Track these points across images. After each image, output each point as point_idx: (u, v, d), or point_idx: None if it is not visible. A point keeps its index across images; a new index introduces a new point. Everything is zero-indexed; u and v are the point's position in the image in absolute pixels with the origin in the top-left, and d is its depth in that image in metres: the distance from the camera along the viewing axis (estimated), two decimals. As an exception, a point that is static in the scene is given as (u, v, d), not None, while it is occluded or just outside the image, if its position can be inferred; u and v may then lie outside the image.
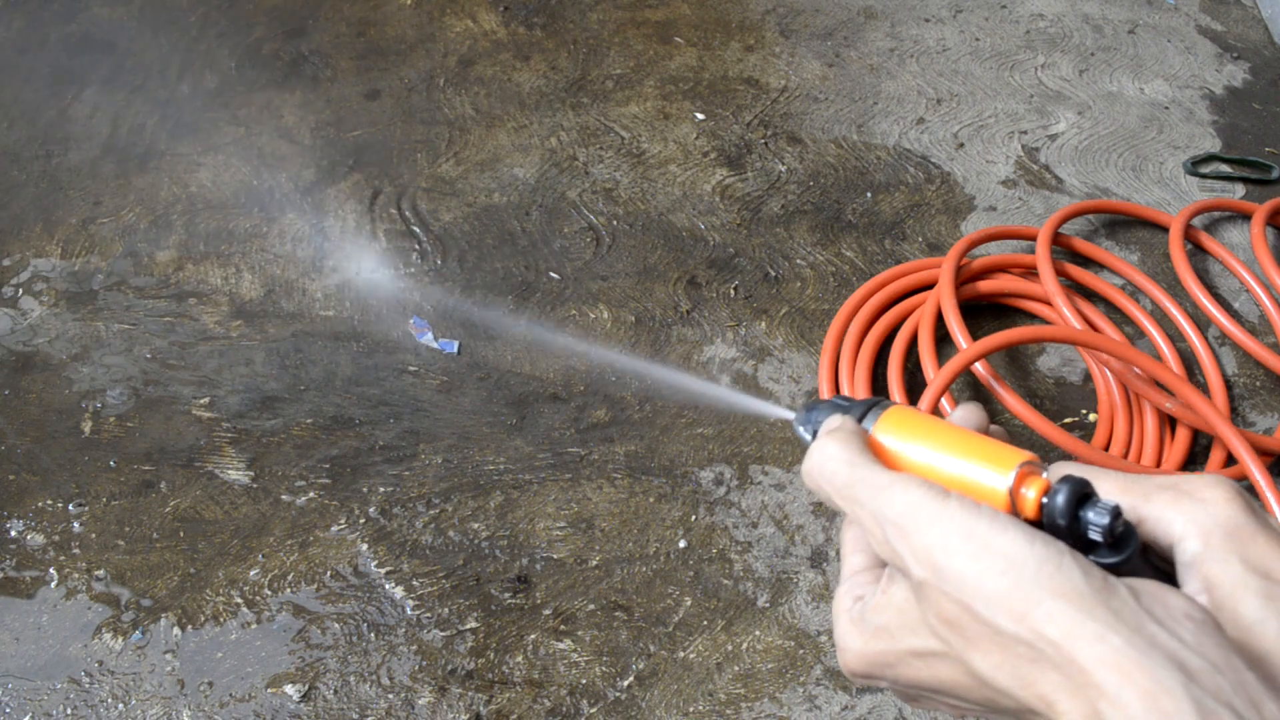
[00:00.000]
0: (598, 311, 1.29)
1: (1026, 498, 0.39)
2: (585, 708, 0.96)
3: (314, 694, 0.96)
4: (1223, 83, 1.71)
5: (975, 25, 1.80)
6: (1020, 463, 0.40)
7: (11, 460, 1.12)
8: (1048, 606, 0.34)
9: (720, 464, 1.14)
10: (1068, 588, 0.34)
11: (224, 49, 1.66)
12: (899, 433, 0.44)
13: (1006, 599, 0.34)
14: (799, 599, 1.04)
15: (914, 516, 0.38)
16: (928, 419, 0.44)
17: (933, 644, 0.37)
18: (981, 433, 0.44)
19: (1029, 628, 0.34)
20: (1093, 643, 0.32)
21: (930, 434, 0.43)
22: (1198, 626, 0.33)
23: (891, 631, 0.39)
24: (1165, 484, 0.40)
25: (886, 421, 0.44)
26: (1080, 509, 0.38)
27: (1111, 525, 0.37)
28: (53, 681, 0.96)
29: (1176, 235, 1.36)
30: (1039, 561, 0.35)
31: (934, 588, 0.36)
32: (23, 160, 1.46)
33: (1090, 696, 0.32)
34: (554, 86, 1.61)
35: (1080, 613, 0.33)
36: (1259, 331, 1.33)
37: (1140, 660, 0.31)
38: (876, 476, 0.40)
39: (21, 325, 1.25)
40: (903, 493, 0.39)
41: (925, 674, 0.39)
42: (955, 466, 0.41)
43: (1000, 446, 0.41)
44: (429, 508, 1.09)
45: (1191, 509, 0.38)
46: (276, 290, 1.30)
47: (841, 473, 0.41)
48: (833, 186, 1.48)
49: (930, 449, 0.43)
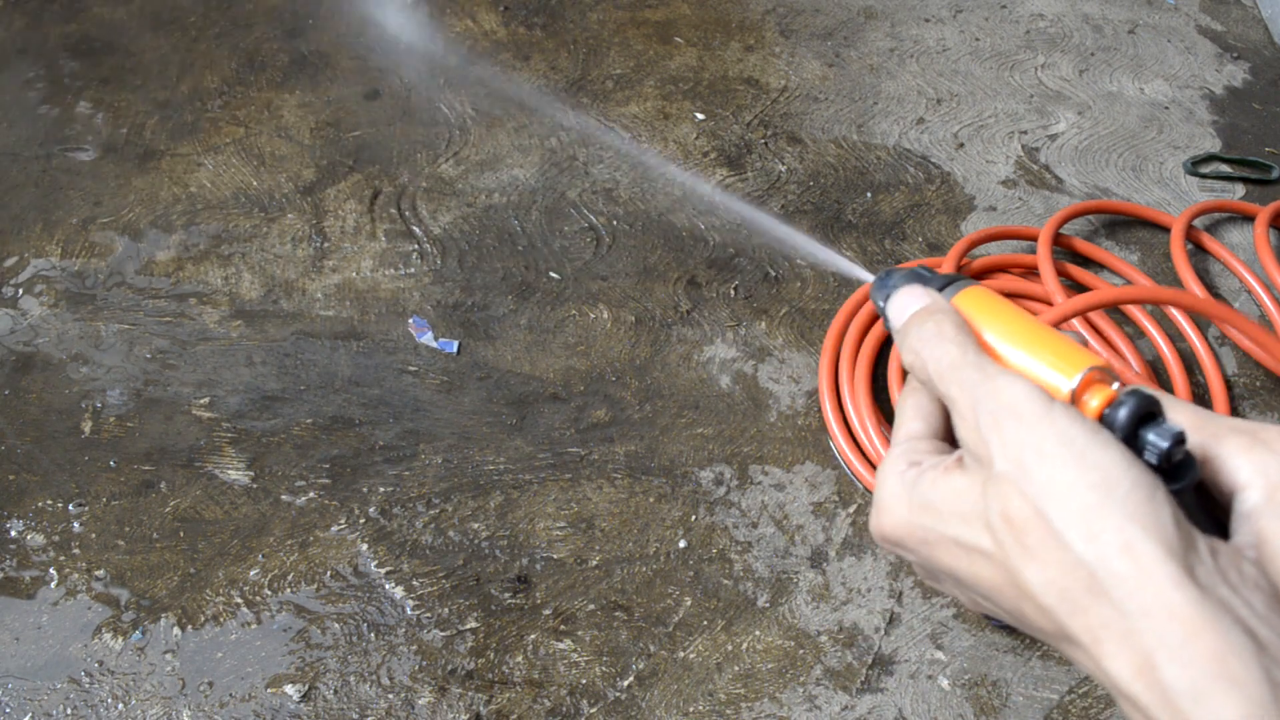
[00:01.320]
0: (598, 311, 1.29)
1: (1088, 404, 0.37)
2: (585, 708, 0.96)
3: (314, 694, 0.96)
4: (1223, 83, 1.71)
5: (975, 25, 1.80)
6: (1088, 366, 0.38)
7: (11, 460, 1.12)
8: (1127, 533, 0.31)
9: (720, 464, 1.14)
10: (1153, 522, 0.32)
11: (224, 49, 1.66)
12: (974, 313, 0.42)
13: (1087, 514, 0.32)
14: (799, 599, 1.04)
15: (1016, 411, 0.36)
16: (1006, 305, 0.42)
17: (983, 540, 0.36)
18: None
19: (1100, 552, 0.31)
20: (1165, 588, 0.30)
21: (1005, 321, 0.41)
22: (1268, 599, 0.31)
23: (941, 512, 0.37)
24: (1242, 428, 0.37)
25: (965, 298, 0.43)
26: (1142, 427, 0.36)
27: (1170, 450, 0.35)
28: (53, 681, 0.96)
29: (1178, 236, 1.36)
30: (1132, 486, 0.32)
31: (1011, 484, 0.34)
32: (23, 160, 1.46)
33: (1146, 644, 0.30)
34: (554, 86, 1.61)
35: (1160, 551, 0.31)
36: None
37: (1213, 619, 0.29)
38: (988, 365, 0.38)
39: (21, 325, 1.25)
40: (1009, 387, 0.37)
41: (962, 565, 0.37)
42: (1022, 358, 0.40)
43: (1073, 347, 0.39)
44: (429, 508, 1.09)
45: (1263, 458, 0.36)
46: (276, 290, 1.30)
47: (952, 354, 0.40)
48: (833, 186, 1.48)
49: (1002, 336, 0.41)
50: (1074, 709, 0.99)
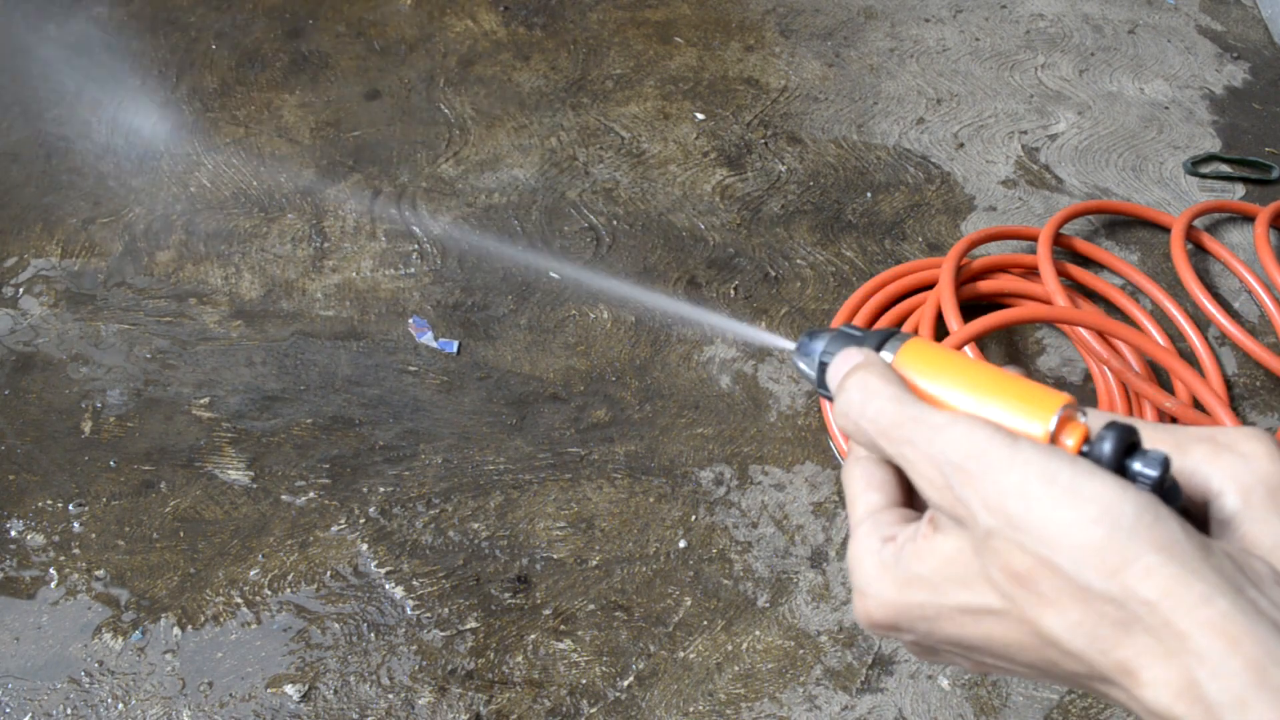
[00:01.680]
0: (598, 311, 1.29)
1: (1066, 445, 0.35)
2: (585, 708, 0.96)
3: (314, 694, 0.96)
4: (1223, 83, 1.71)
5: (975, 25, 1.80)
6: (1062, 405, 0.36)
7: (11, 460, 1.12)
8: (1147, 561, 0.30)
9: (720, 464, 1.14)
10: (1169, 542, 0.30)
11: (224, 49, 1.66)
12: (921, 368, 0.39)
13: (1098, 552, 0.30)
14: (799, 599, 1.04)
15: (982, 459, 0.33)
16: (950, 354, 0.39)
17: (990, 600, 0.33)
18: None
19: (1122, 585, 0.30)
20: (1198, 605, 0.29)
21: (956, 371, 0.38)
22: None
23: (935, 584, 0.35)
24: (1202, 435, 0.36)
25: (906, 356, 0.39)
26: (1127, 458, 0.34)
27: (1162, 477, 0.34)
28: (53, 681, 0.96)
29: (1178, 236, 1.36)
30: (1137, 511, 0.31)
31: (1005, 539, 0.32)
32: (23, 160, 1.46)
33: (1186, 665, 0.29)
34: (554, 86, 1.61)
35: (1184, 571, 0.30)
36: (1259, 331, 1.33)
37: (1249, 627, 0.29)
38: (931, 415, 0.35)
39: (21, 325, 1.25)
40: (965, 433, 0.34)
41: (970, 631, 0.35)
42: (986, 408, 0.36)
43: (1033, 387, 0.37)
44: (429, 508, 1.09)
45: (1231, 464, 0.35)
46: (276, 290, 1.30)
47: (888, 411, 0.36)
48: (833, 186, 1.48)
49: (957, 388, 0.38)
50: (1074, 709, 0.99)
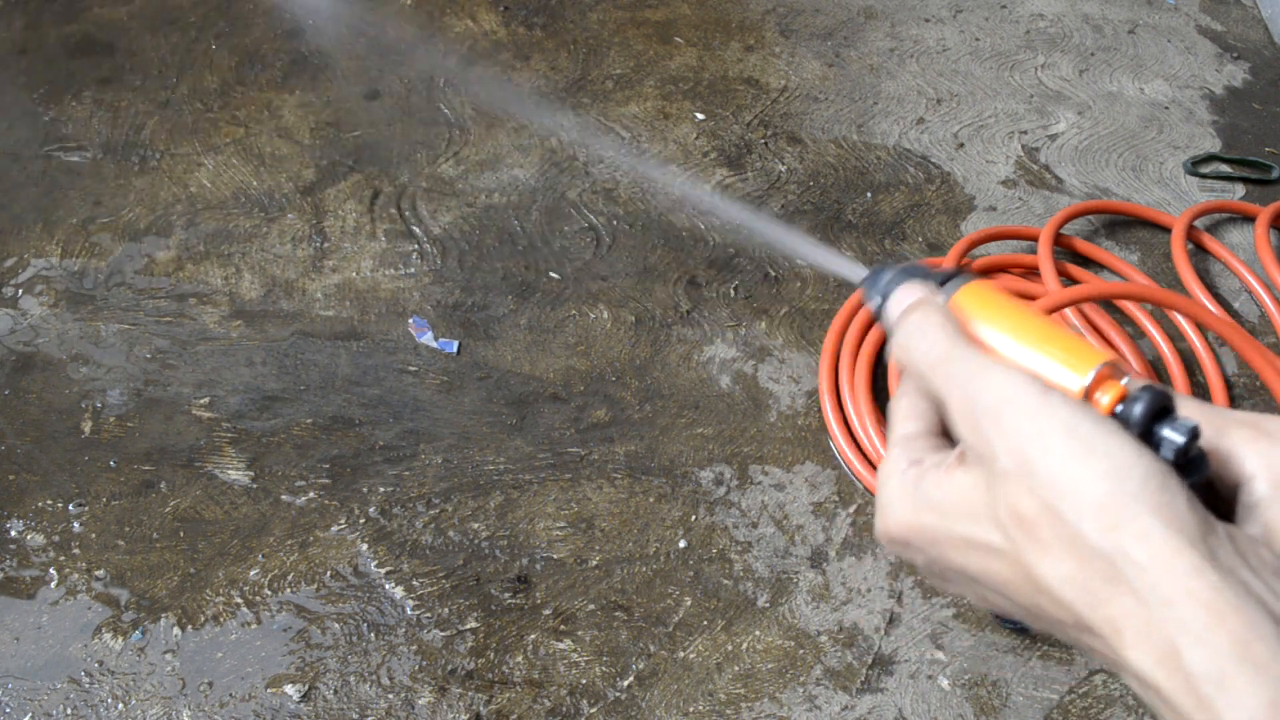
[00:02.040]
0: (598, 311, 1.29)
1: (1100, 402, 0.36)
2: (585, 708, 0.96)
3: (314, 694, 0.96)
4: (1223, 83, 1.71)
5: (975, 25, 1.80)
6: (1101, 363, 0.36)
7: (11, 460, 1.12)
8: (1144, 523, 0.31)
9: (720, 464, 1.14)
10: (1170, 510, 0.31)
11: (224, 49, 1.66)
12: (976, 310, 0.40)
13: (1101, 506, 0.32)
14: (799, 599, 1.04)
15: (1013, 404, 0.35)
16: (1011, 301, 0.41)
17: (994, 538, 0.35)
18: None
19: (1116, 542, 0.31)
20: (1187, 574, 0.30)
21: (1009, 317, 0.39)
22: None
23: (948, 511, 0.36)
24: (1246, 420, 0.37)
25: (966, 295, 0.41)
26: (1156, 423, 0.35)
27: (1187, 445, 0.34)
28: (53, 681, 0.96)
29: (1179, 237, 1.36)
30: (1145, 474, 0.32)
31: (1017, 481, 0.33)
32: (23, 160, 1.46)
33: (1169, 632, 0.30)
34: (554, 86, 1.61)
35: (1180, 539, 0.30)
36: (1259, 331, 1.33)
37: (1236, 603, 0.29)
38: (977, 358, 0.37)
39: (21, 325, 1.25)
40: (1002, 379, 0.36)
41: (973, 562, 0.36)
42: (1029, 356, 0.38)
43: (1082, 343, 0.38)
44: (429, 508, 1.09)
45: (1268, 450, 0.36)
46: (276, 290, 1.30)
47: (940, 347, 0.38)
48: (833, 186, 1.48)
49: (1006, 333, 0.39)
50: (1074, 709, 0.99)
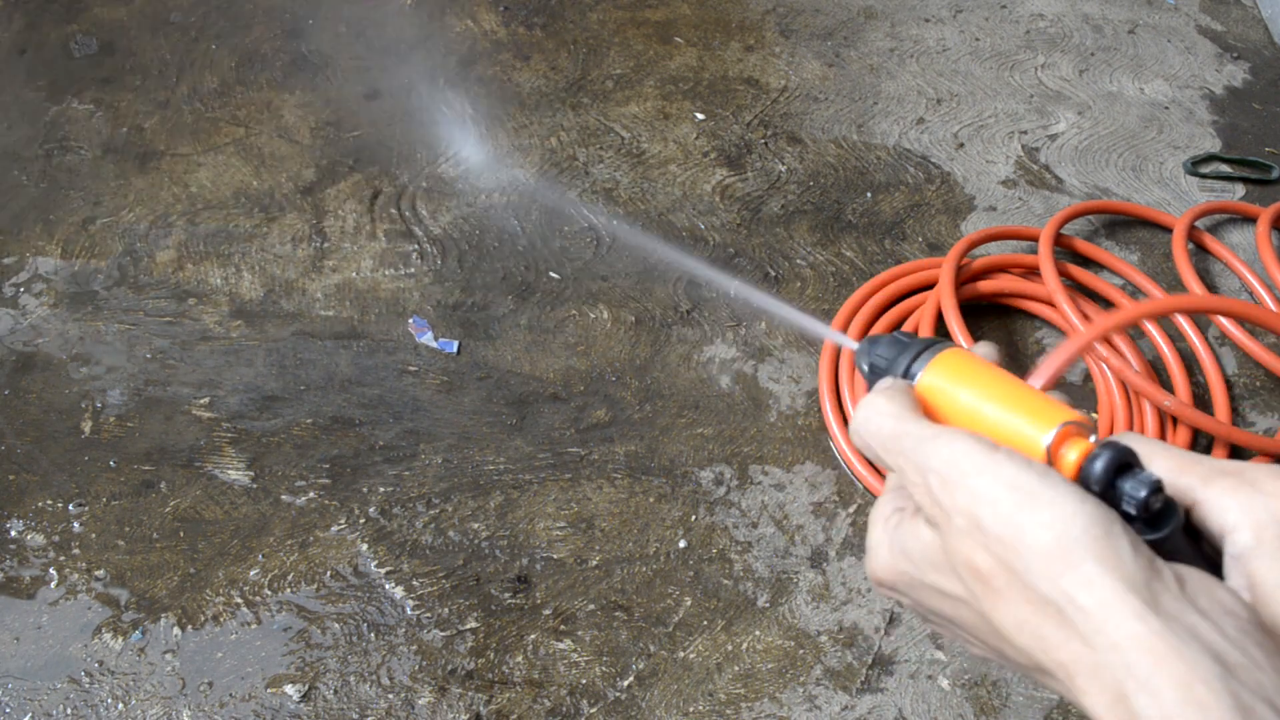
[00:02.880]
0: (598, 311, 1.29)
1: (1065, 458, 0.37)
2: (585, 708, 0.96)
3: (314, 694, 0.96)
4: (1223, 83, 1.71)
5: (975, 25, 1.80)
6: (1064, 421, 0.38)
7: (11, 460, 1.12)
8: (1087, 570, 0.32)
9: (720, 464, 1.14)
10: (1112, 556, 0.32)
11: (224, 49, 1.66)
12: (949, 376, 0.42)
13: (1045, 555, 0.33)
14: (799, 599, 1.04)
15: (959, 466, 0.36)
16: (982, 364, 0.43)
17: (955, 588, 0.37)
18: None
19: (1062, 589, 0.32)
20: (1129, 619, 0.31)
21: (980, 380, 0.42)
22: (1240, 623, 0.32)
23: (916, 561, 0.39)
24: (1229, 469, 0.38)
25: (939, 364, 0.43)
26: (1118, 478, 0.36)
27: (1147, 500, 0.35)
28: (53, 681, 0.96)
29: (1180, 237, 1.36)
30: (1087, 522, 0.33)
31: (969, 536, 0.35)
32: (23, 160, 1.46)
33: (1117, 675, 0.31)
34: (554, 86, 1.61)
35: (1121, 585, 0.31)
36: (1259, 331, 1.33)
37: (1178, 647, 0.30)
38: (921, 428, 0.39)
39: (21, 325, 1.25)
40: (947, 443, 0.37)
41: (944, 608, 0.38)
42: (998, 416, 0.40)
43: (1050, 403, 0.39)
44: (429, 508, 1.09)
45: (1249, 500, 0.36)
46: (276, 290, 1.30)
47: (887, 426, 0.41)
48: (833, 186, 1.48)
49: (976, 395, 0.41)
50: (1074, 709, 0.99)
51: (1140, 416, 1.19)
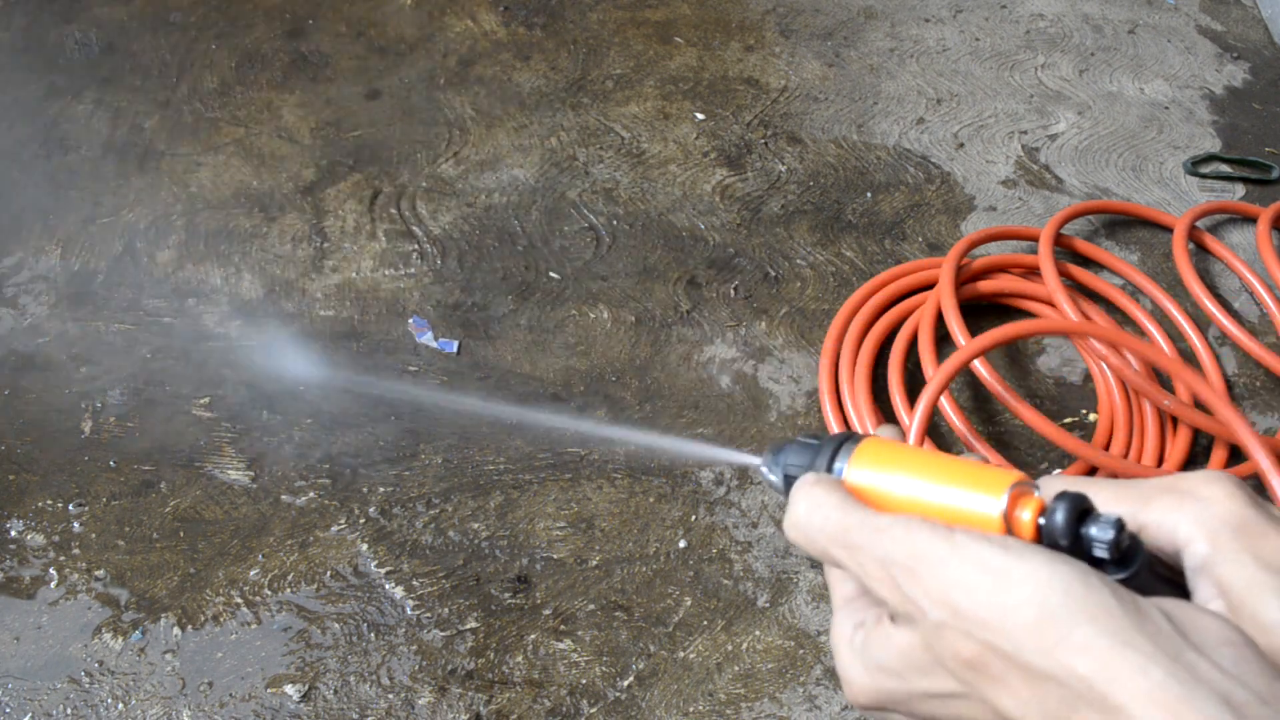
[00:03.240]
0: (598, 311, 1.29)
1: (1021, 520, 0.37)
2: (585, 708, 0.96)
3: (314, 694, 0.96)
4: (1223, 83, 1.71)
5: (975, 25, 1.80)
6: (1011, 484, 0.37)
7: (11, 460, 1.12)
8: (1080, 636, 0.31)
9: (720, 464, 1.14)
10: (1100, 612, 0.31)
11: (223, 49, 1.66)
12: (877, 465, 0.41)
13: (1034, 632, 0.32)
14: (799, 599, 1.04)
15: (922, 556, 0.35)
16: (903, 447, 0.42)
17: (950, 685, 0.35)
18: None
19: (1059, 662, 0.31)
20: (1133, 676, 0.30)
21: (910, 463, 0.40)
22: (1237, 652, 0.31)
23: (898, 671, 0.37)
24: (1163, 486, 0.37)
25: (862, 455, 0.42)
26: (1081, 526, 0.36)
27: (1117, 539, 0.35)
28: (53, 681, 0.96)
29: (1180, 237, 1.36)
30: (1065, 584, 0.32)
31: (952, 629, 0.34)
32: (23, 160, 1.46)
33: None
34: (554, 86, 1.61)
35: (1116, 642, 0.31)
36: (1259, 331, 1.33)
37: (1185, 696, 0.29)
38: (873, 519, 0.37)
39: (21, 325, 1.25)
40: (905, 532, 0.36)
41: (942, 711, 0.36)
42: (942, 494, 0.39)
43: (985, 469, 0.39)
44: (429, 508, 1.09)
45: (1194, 509, 0.36)
46: (276, 290, 1.30)
47: (833, 519, 0.38)
48: (833, 186, 1.48)
49: (912, 479, 0.40)
50: None
51: (1140, 414, 1.19)
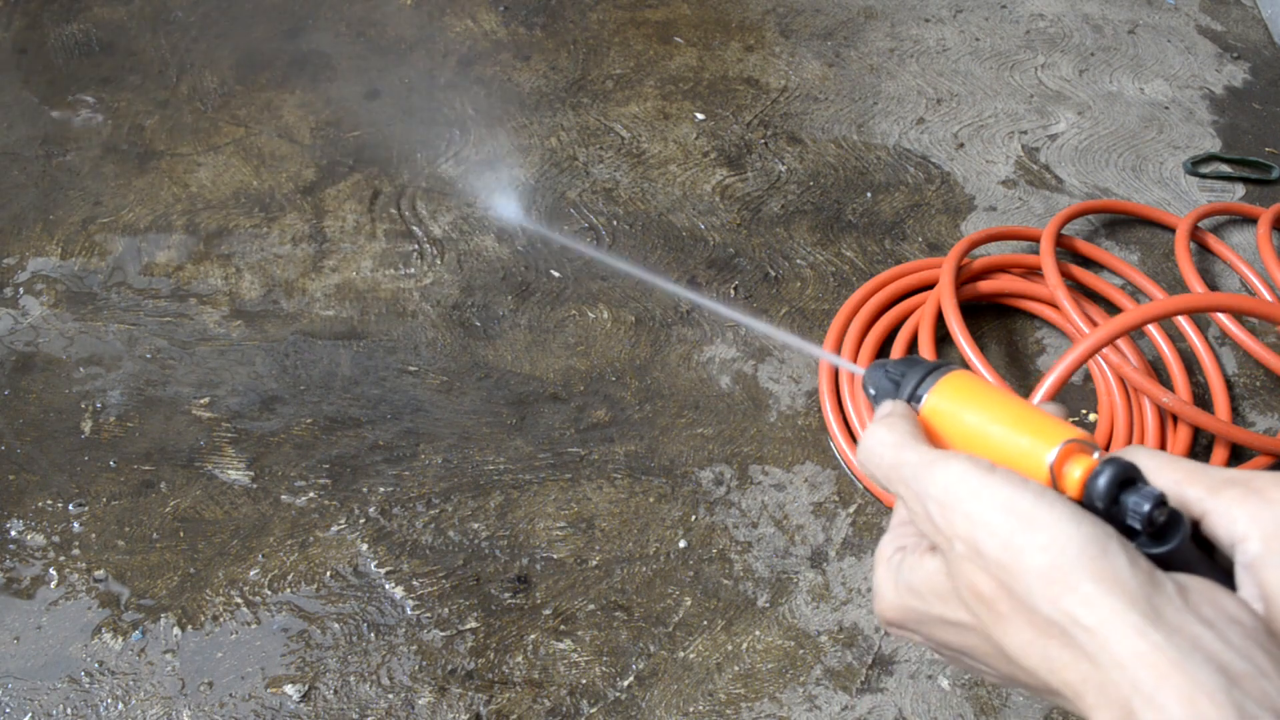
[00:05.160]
0: (597, 311, 1.29)
1: (1070, 475, 0.37)
2: (585, 708, 0.96)
3: (314, 694, 0.96)
4: (1223, 83, 1.71)
5: (975, 25, 1.80)
6: (1067, 439, 0.38)
7: (11, 460, 1.12)
8: (1086, 590, 0.32)
9: (720, 464, 1.14)
10: (1110, 574, 0.32)
11: (224, 49, 1.66)
12: (954, 398, 0.43)
13: (1044, 577, 0.33)
14: (799, 599, 1.04)
15: (955, 491, 0.37)
16: (986, 386, 0.43)
17: (962, 615, 0.37)
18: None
19: (1064, 610, 0.32)
20: (1130, 635, 0.31)
21: (984, 402, 0.42)
22: (1246, 631, 0.32)
23: (923, 594, 0.39)
24: (1236, 479, 0.37)
25: (944, 386, 0.44)
26: (1122, 493, 0.36)
27: (1151, 513, 0.35)
28: (53, 681, 0.96)
29: (1182, 238, 1.35)
30: (1083, 542, 0.33)
31: (971, 562, 0.35)
32: (23, 160, 1.46)
33: (1124, 693, 0.31)
34: (554, 86, 1.61)
35: (1120, 602, 0.32)
36: (1259, 331, 1.33)
37: (1180, 660, 0.30)
38: (921, 455, 0.39)
39: (21, 325, 1.25)
40: (944, 469, 0.38)
41: (954, 639, 0.38)
42: (1001, 436, 0.40)
43: (1053, 421, 0.40)
44: (429, 508, 1.09)
45: (1257, 508, 0.36)
46: (276, 290, 1.30)
47: (888, 455, 0.41)
48: (833, 186, 1.48)
49: (980, 416, 0.41)
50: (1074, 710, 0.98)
51: (1140, 415, 1.19)
